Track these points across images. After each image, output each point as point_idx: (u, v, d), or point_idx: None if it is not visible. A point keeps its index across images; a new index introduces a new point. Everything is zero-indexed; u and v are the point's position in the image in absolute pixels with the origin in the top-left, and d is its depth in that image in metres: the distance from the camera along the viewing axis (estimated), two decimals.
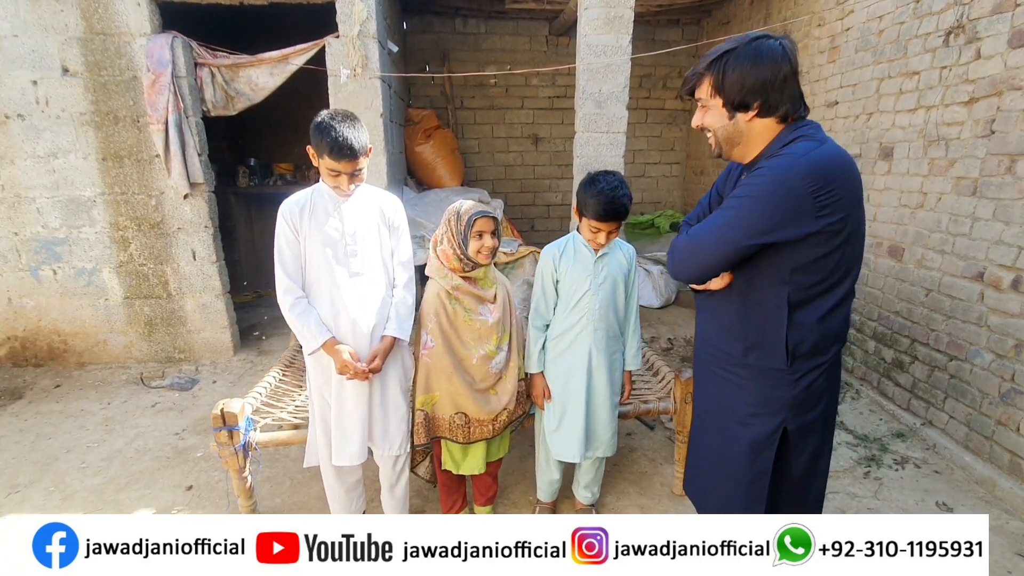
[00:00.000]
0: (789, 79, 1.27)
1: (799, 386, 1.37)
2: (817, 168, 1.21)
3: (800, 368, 1.36)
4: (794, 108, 1.30)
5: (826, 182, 1.20)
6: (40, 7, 3.37)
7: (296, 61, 3.58)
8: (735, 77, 1.28)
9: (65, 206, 3.68)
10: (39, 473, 2.73)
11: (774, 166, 1.26)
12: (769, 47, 1.27)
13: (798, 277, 1.30)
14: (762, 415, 1.42)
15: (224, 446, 2.10)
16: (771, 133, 1.32)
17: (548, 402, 2.10)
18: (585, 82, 3.58)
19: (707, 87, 1.33)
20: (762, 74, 1.26)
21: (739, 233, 1.28)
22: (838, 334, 1.39)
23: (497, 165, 6.26)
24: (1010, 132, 2.49)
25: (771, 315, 1.34)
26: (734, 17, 5.35)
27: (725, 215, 1.33)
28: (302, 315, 1.84)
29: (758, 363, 1.40)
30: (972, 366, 2.72)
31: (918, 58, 3.02)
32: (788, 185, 1.22)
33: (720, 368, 1.50)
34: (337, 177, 1.76)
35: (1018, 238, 2.46)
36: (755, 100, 1.28)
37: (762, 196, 1.25)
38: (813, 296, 1.32)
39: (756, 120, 1.31)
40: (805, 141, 1.26)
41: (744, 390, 1.44)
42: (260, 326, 4.73)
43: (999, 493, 2.51)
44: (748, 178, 1.32)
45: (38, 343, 3.93)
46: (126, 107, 3.55)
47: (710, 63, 1.32)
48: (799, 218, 1.22)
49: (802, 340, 1.34)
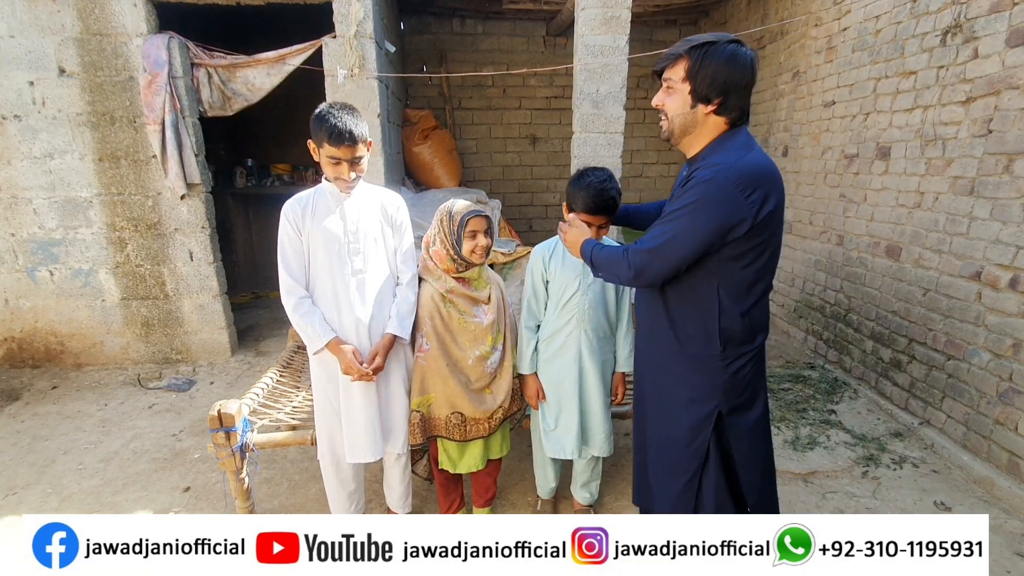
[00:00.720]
0: (748, 88, 1.41)
1: (729, 371, 1.51)
2: (746, 172, 1.36)
3: (731, 355, 1.51)
4: (741, 116, 1.43)
5: (755, 183, 1.35)
6: (36, 7, 3.36)
7: (293, 61, 3.58)
8: (709, 69, 1.37)
9: (62, 207, 3.67)
10: (36, 475, 2.72)
11: (706, 176, 1.38)
12: (744, 53, 1.39)
13: (728, 269, 1.44)
14: (699, 400, 1.56)
15: (221, 447, 2.09)
16: (717, 130, 1.45)
17: (542, 402, 2.10)
18: (582, 82, 3.58)
19: (681, 70, 1.42)
20: (732, 75, 1.37)
21: (689, 241, 1.41)
22: (762, 324, 1.55)
23: (495, 165, 6.25)
24: (1008, 131, 2.49)
25: (703, 306, 1.49)
26: (731, 17, 5.35)
27: (678, 225, 1.43)
28: (306, 315, 1.84)
29: (694, 352, 1.54)
30: (970, 365, 2.72)
31: (915, 58, 3.02)
32: (723, 189, 1.35)
33: (663, 362, 1.63)
34: (338, 165, 1.76)
35: (1015, 237, 2.46)
36: (718, 96, 1.39)
37: (701, 203, 1.38)
38: (742, 289, 1.47)
39: (712, 116, 1.43)
40: (733, 152, 1.40)
41: (683, 380, 1.58)
42: (258, 327, 4.72)
43: (997, 492, 2.51)
44: (686, 188, 1.44)
45: (35, 344, 3.92)
46: (123, 108, 3.54)
47: (690, 48, 1.40)
48: (738, 216, 1.36)
49: (732, 328, 1.49)
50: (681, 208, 1.41)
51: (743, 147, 1.41)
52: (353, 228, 1.86)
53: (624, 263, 1.52)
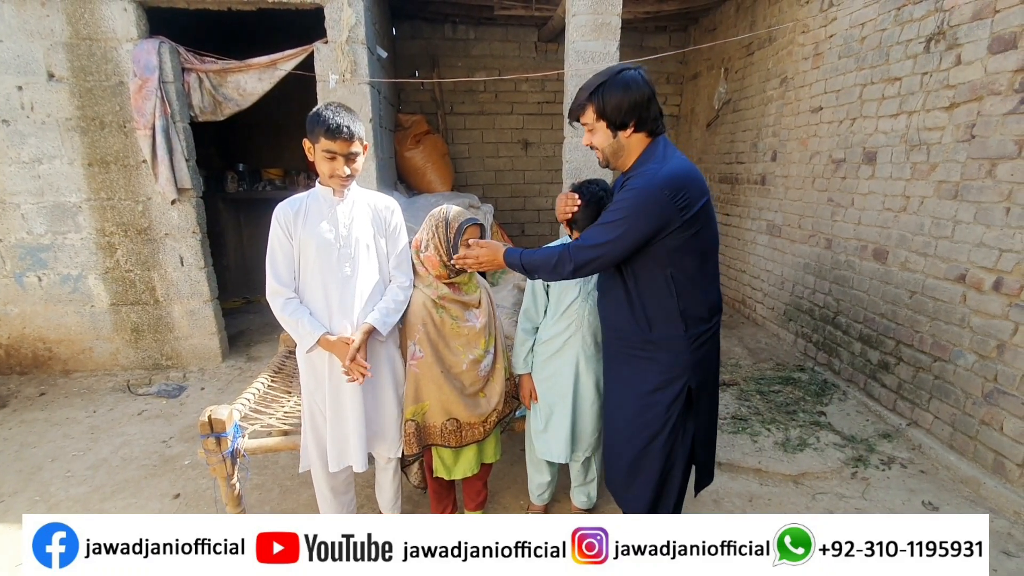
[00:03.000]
0: (652, 100, 1.61)
1: (694, 348, 1.71)
2: (670, 179, 1.56)
3: (694, 333, 1.71)
4: (656, 125, 1.64)
5: (679, 187, 1.55)
6: (26, 12, 3.34)
7: (284, 66, 3.58)
8: (613, 103, 1.59)
9: (50, 212, 3.64)
10: (23, 483, 2.69)
11: (638, 185, 1.59)
12: (633, 76, 1.59)
13: (676, 257, 1.64)
14: (672, 379, 1.73)
15: (212, 453, 2.08)
16: (642, 145, 1.67)
17: (535, 403, 2.11)
18: (573, 88, 3.60)
19: (591, 114, 1.64)
20: (632, 98, 1.58)
21: (628, 242, 1.61)
22: (716, 303, 1.77)
23: (487, 170, 6.27)
24: (990, 136, 2.54)
25: (662, 291, 1.68)
26: (720, 24, 5.41)
27: (614, 230, 1.61)
28: (295, 313, 1.82)
29: (662, 334, 1.71)
30: (956, 367, 2.76)
31: (900, 64, 3.07)
32: (653, 196, 1.56)
33: (631, 349, 1.79)
34: (333, 161, 1.75)
35: (999, 240, 2.50)
36: (631, 119, 1.60)
37: (636, 209, 1.58)
38: (691, 272, 1.67)
39: (633, 136, 1.64)
40: (658, 161, 1.62)
41: (654, 362, 1.74)
42: (249, 332, 4.69)
43: (984, 492, 2.54)
44: (619, 194, 1.66)
45: (22, 351, 3.88)
46: (112, 112, 3.53)
47: (589, 94, 1.62)
48: (667, 217, 1.56)
49: (691, 308, 1.69)
50: (618, 211, 1.61)
51: (663, 157, 1.63)
52: (345, 233, 1.85)
53: (567, 260, 1.68)
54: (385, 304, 1.93)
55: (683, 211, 1.56)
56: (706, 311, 1.73)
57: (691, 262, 1.67)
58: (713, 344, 1.78)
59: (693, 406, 1.77)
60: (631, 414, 1.83)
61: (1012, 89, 2.43)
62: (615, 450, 1.93)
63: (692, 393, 1.74)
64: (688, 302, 1.69)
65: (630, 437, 1.84)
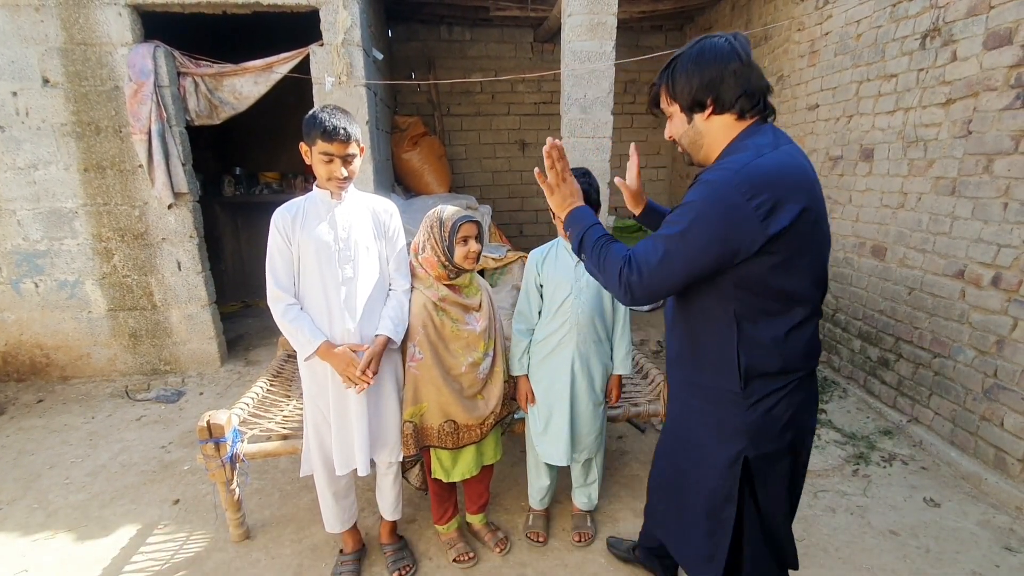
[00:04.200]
0: (740, 74, 1.22)
1: (756, 411, 1.28)
2: (752, 173, 1.15)
3: (757, 391, 1.27)
4: (751, 104, 1.24)
5: (762, 185, 1.14)
6: (20, 17, 3.33)
7: (280, 70, 3.57)
8: (683, 79, 1.26)
9: (46, 218, 3.63)
10: (22, 490, 2.68)
11: (709, 178, 1.20)
12: (712, 45, 1.24)
13: (744, 293, 1.22)
14: (721, 441, 1.35)
15: (211, 458, 2.07)
16: (730, 131, 1.27)
17: (532, 405, 2.10)
18: (570, 88, 3.60)
19: (665, 97, 1.34)
20: (708, 71, 1.23)
21: (693, 257, 1.20)
22: (803, 355, 1.28)
23: (484, 171, 6.27)
24: (987, 132, 2.54)
25: (721, 332, 1.28)
26: (716, 23, 5.42)
27: (674, 241, 1.22)
28: (295, 320, 1.81)
29: (713, 383, 1.34)
30: (955, 363, 2.76)
31: (896, 61, 3.07)
32: (723, 194, 1.15)
33: (682, 389, 1.46)
34: (330, 163, 1.75)
35: (997, 236, 2.51)
36: (707, 97, 1.25)
37: (702, 210, 1.18)
38: (767, 312, 1.24)
39: (713, 118, 1.27)
40: (749, 150, 1.20)
41: (703, 413, 1.39)
42: (247, 336, 4.68)
43: (985, 488, 2.54)
44: (687, 193, 1.24)
45: (20, 357, 3.86)
46: (108, 117, 3.52)
47: (661, 73, 1.32)
48: (742, 227, 1.15)
49: (757, 360, 1.26)
50: (682, 215, 1.22)
51: (762, 145, 1.20)
52: (344, 235, 1.84)
53: (616, 277, 1.30)
54: (394, 312, 1.92)
55: (766, 221, 1.14)
56: (778, 365, 1.26)
57: (772, 302, 1.23)
58: (793, 405, 1.30)
59: (754, 481, 1.34)
60: (678, 467, 1.51)
61: (1008, 85, 2.43)
62: (662, 489, 1.61)
63: (751, 466, 1.32)
64: (755, 353, 1.26)
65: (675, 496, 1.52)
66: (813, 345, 1.30)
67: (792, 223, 1.15)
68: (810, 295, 1.26)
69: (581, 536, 2.26)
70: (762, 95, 1.25)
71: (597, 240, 1.38)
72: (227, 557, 2.22)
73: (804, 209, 1.16)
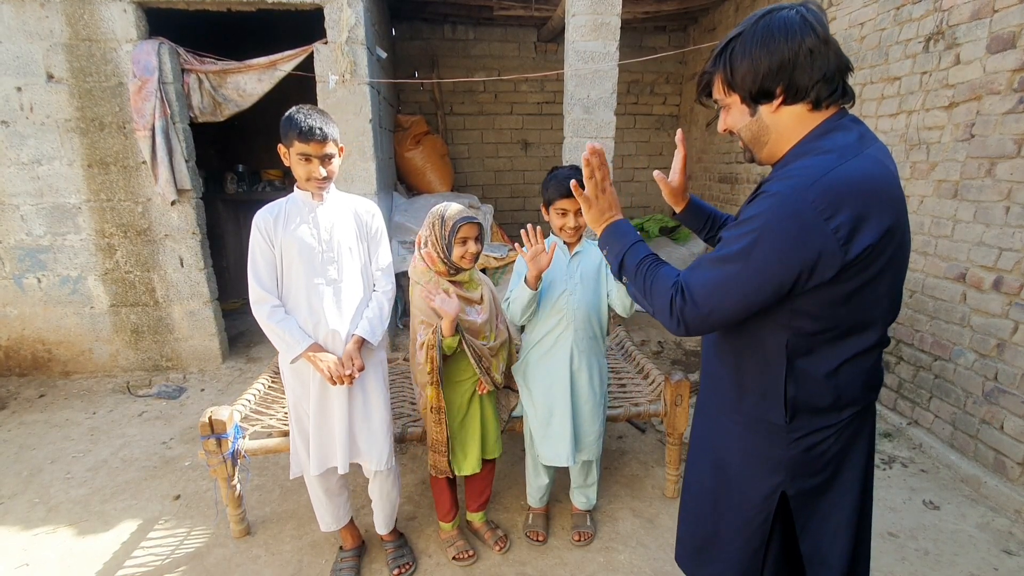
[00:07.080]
0: (817, 52, 0.99)
1: (799, 446, 1.12)
2: (832, 188, 0.94)
3: (803, 427, 1.11)
4: (829, 90, 1.02)
5: (840, 204, 0.94)
6: (25, 13, 3.34)
7: (284, 67, 3.58)
8: (746, 65, 1.03)
9: (49, 213, 3.64)
10: (23, 485, 2.69)
11: (777, 190, 0.99)
12: (781, 19, 1.01)
13: (804, 322, 1.05)
14: (756, 473, 1.18)
15: (212, 455, 2.08)
16: (804, 125, 1.05)
17: (533, 407, 2.10)
18: (573, 88, 3.61)
19: (720, 85, 1.10)
20: (777, 53, 1.00)
21: (752, 292, 1.02)
22: (863, 387, 1.11)
23: (487, 170, 6.28)
24: (989, 135, 2.54)
25: (770, 361, 1.10)
26: (720, 24, 5.42)
27: (731, 267, 1.03)
28: (281, 322, 1.80)
29: (754, 412, 1.16)
30: (956, 365, 2.76)
31: (899, 64, 3.07)
32: (794, 210, 0.96)
33: (717, 409, 1.27)
34: (308, 163, 1.74)
35: (998, 239, 2.51)
36: (776, 85, 1.02)
37: (766, 229, 0.98)
38: (822, 343, 1.07)
39: (783, 109, 1.05)
40: (826, 155, 0.98)
41: (739, 439, 1.21)
42: (249, 333, 4.69)
43: (984, 491, 2.54)
44: (748, 207, 1.05)
45: (22, 352, 3.87)
46: (112, 113, 3.53)
47: (715, 57, 1.09)
48: (817, 252, 0.95)
49: (806, 394, 1.09)
50: (737, 237, 1.02)
51: (845, 148, 0.99)
52: (327, 237, 1.84)
53: (667, 308, 1.10)
54: (372, 313, 1.93)
55: (846, 246, 0.95)
56: (831, 399, 1.09)
57: (831, 335, 1.06)
58: (844, 442, 1.13)
59: (792, 518, 1.17)
60: (708, 494, 1.31)
61: (1011, 88, 2.43)
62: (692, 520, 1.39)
63: (790, 503, 1.15)
64: (806, 386, 1.09)
65: (706, 525, 1.33)
66: (874, 376, 1.14)
67: (875, 244, 0.96)
68: (881, 322, 1.08)
69: (581, 535, 2.27)
70: (842, 78, 1.04)
71: (641, 262, 1.17)
72: (228, 553, 2.23)
73: (890, 228, 0.98)
